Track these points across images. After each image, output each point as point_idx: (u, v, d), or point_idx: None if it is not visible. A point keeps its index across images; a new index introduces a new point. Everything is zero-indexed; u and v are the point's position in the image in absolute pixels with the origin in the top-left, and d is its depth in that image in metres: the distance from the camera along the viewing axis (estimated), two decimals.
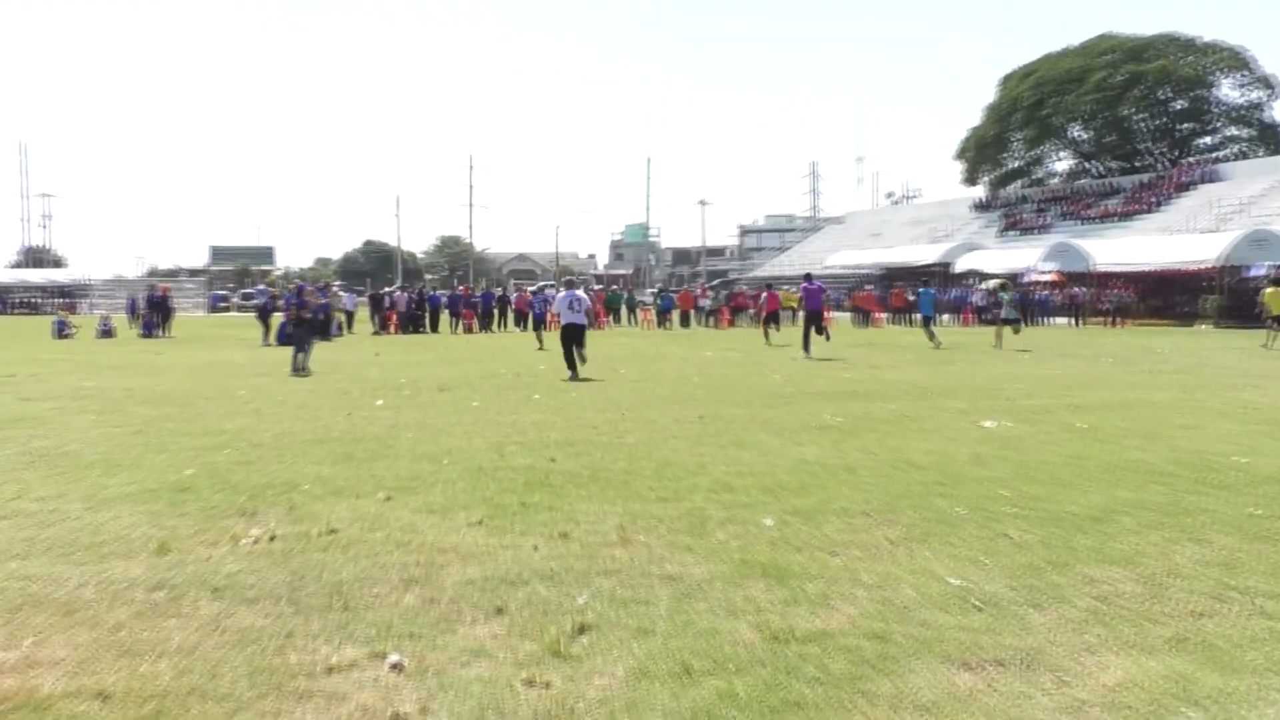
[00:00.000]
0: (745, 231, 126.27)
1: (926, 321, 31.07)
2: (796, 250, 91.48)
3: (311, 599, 5.64)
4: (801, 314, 27.07)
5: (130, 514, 7.66)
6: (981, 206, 79.21)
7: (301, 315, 20.97)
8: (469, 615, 5.39)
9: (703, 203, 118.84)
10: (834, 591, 5.74)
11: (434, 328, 40.96)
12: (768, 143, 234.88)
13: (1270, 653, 4.88)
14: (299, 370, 19.68)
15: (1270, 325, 28.44)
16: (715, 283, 76.47)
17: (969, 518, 7.47)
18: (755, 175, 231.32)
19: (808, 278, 26.53)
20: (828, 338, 26.40)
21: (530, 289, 51.11)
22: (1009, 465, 9.62)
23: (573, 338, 19.14)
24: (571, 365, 18.79)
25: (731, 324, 46.35)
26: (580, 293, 20.18)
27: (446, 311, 42.39)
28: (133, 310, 37.78)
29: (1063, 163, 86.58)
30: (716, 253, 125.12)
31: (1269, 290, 29.20)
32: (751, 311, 44.19)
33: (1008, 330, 28.54)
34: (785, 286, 54.63)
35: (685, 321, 46.51)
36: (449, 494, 8.37)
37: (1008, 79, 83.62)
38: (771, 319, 32.10)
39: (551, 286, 73.01)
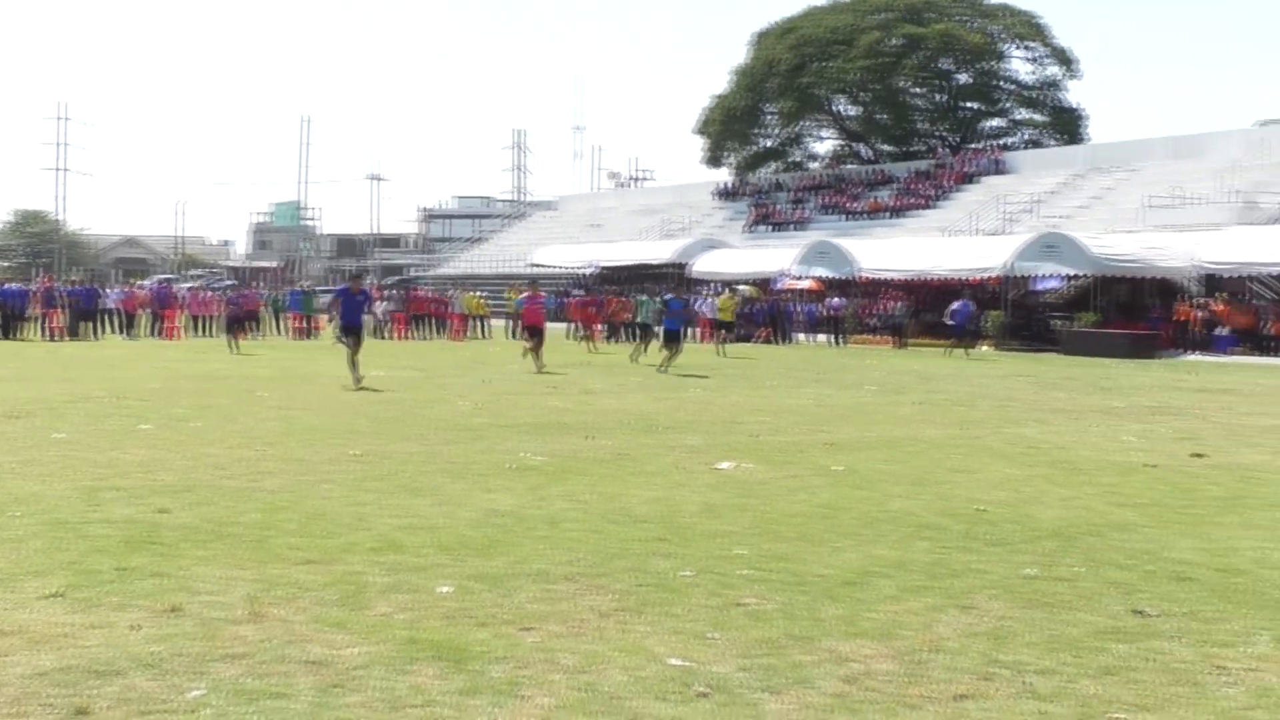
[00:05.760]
0: (430, 217, 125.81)
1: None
2: (495, 241, 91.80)
3: None
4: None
5: None
6: (726, 194, 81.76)
7: None
8: (39, 719, 5.21)
9: (376, 178, 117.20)
10: (525, 677, 5.83)
11: (6, 333, 39.19)
12: (460, 106, 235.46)
13: None
14: None
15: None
16: (391, 280, 75.90)
17: (696, 582, 7.73)
18: (444, 146, 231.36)
19: (345, 289, 25.35)
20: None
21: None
22: (748, 517, 10.02)
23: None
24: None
25: (406, 335, 46.37)
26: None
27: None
28: None
29: (826, 143, 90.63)
30: (392, 242, 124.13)
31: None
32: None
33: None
34: (477, 291, 54.85)
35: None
36: (16, 557, 8.05)
37: (762, 36, 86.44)
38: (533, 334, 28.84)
39: (175, 280, 70.84)
